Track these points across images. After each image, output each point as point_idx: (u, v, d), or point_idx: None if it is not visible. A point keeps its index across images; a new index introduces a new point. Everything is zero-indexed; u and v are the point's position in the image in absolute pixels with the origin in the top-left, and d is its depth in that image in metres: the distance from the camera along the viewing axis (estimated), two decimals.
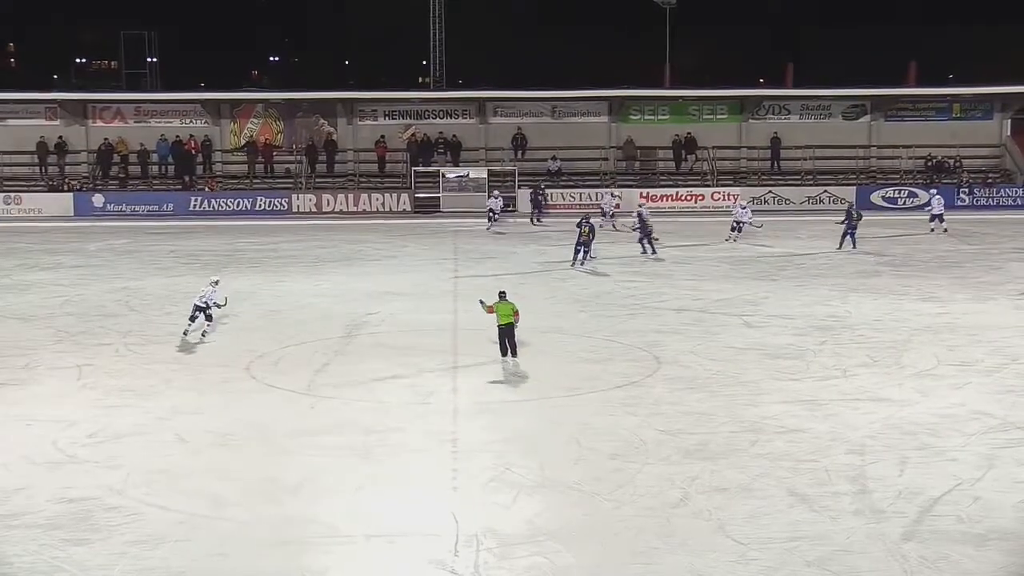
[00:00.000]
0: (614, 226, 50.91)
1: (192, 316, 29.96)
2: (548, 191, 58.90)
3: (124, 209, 59.29)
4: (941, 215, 50.79)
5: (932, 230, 50.48)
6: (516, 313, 27.22)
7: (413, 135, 63.28)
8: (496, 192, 53.79)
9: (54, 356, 28.73)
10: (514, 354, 27.19)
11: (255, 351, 28.90)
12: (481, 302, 28.09)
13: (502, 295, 27.61)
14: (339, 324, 32.16)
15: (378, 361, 27.93)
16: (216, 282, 31.28)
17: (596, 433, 22.10)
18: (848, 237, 46.12)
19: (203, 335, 30.01)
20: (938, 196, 52.99)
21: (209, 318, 30.30)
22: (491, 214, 52.49)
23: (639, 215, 45.82)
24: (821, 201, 60.02)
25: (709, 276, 39.98)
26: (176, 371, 26.42)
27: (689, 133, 63.35)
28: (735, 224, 49.54)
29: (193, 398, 24.90)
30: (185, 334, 30.00)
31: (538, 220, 46.56)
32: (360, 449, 21.29)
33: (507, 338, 27.23)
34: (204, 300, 30.13)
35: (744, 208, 50.38)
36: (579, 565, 16.13)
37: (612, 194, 55.36)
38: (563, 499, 18.81)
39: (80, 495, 18.93)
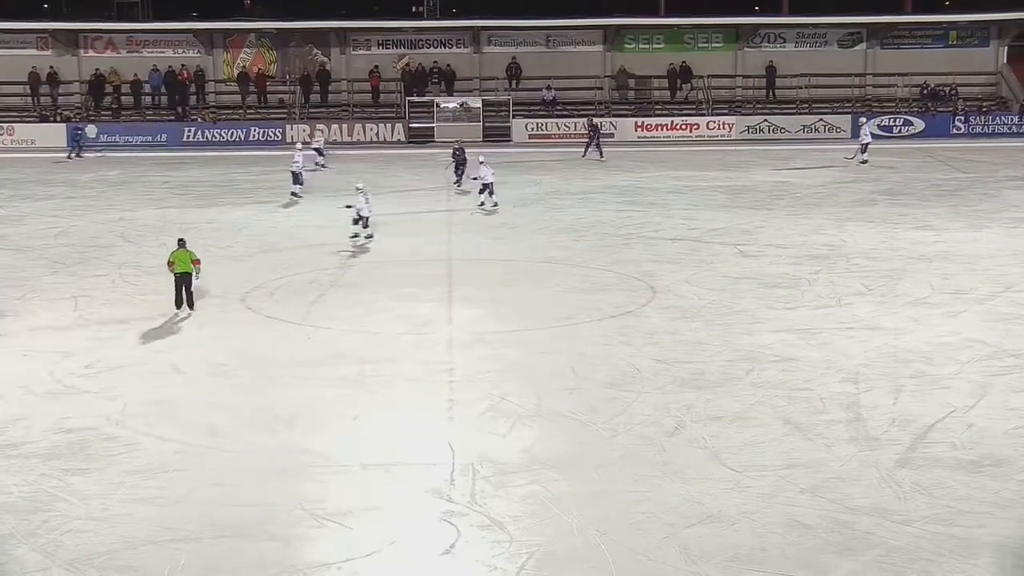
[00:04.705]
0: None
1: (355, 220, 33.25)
2: (542, 120, 58.89)
3: (117, 140, 58.98)
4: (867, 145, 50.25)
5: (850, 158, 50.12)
6: (196, 261, 25.81)
7: (407, 65, 62.93)
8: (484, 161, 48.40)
9: (50, 287, 28.74)
10: (191, 306, 25.80)
11: (251, 282, 28.91)
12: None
13: (181, 243, 26.36)
14: (334, 255, 32.14)
15: (373, 292, 27.95)
16: (359, 188, 34.02)
17: (591, 363, 22.18)
18: None
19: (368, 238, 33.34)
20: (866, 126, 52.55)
21: (366, 224, 33.46)
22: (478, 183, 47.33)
23: (461, 149, 44.70)
24: (816, 130, 59.79)
25: (704, 205, 39.92)
26: (172, 302, 26.39)
27: (684, 62, 62.95)
28: (863, 146, 49.60)
29: (189, 329, 24.95)
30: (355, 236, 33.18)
31: (458, 183, 43.34)
32: (356, 379, 21.37)
33: (184, 287, 25.76)
34: (358, 211, 33.26)
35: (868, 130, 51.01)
36: (575, 493, 16.23)
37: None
38: (559, 428, 18.91)
39: (78, 425, 19.03)
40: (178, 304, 25.60)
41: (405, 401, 20.27)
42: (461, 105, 60.41)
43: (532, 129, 59.78)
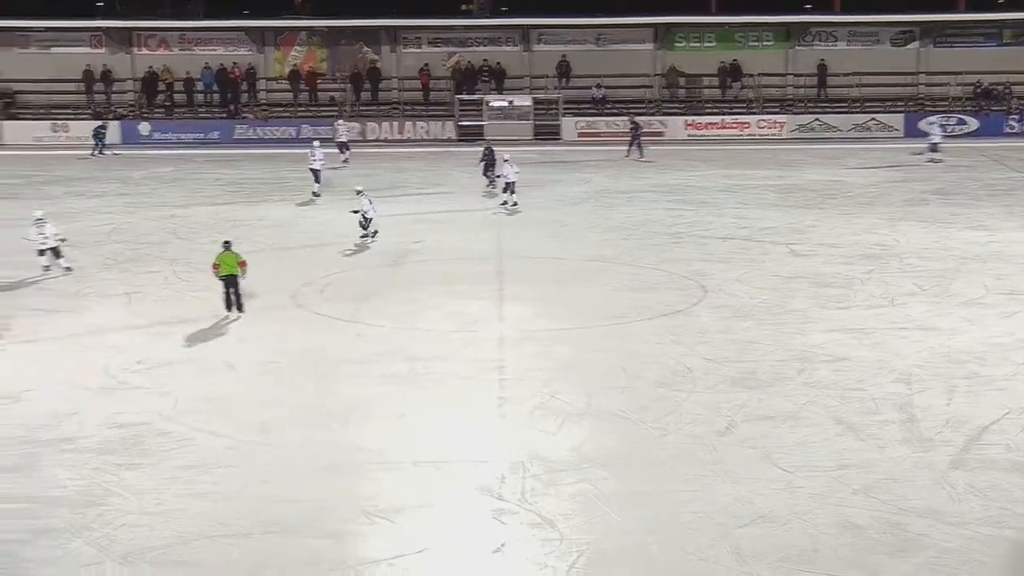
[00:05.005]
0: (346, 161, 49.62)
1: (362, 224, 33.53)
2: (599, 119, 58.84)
3: (170, 137, 59.39)
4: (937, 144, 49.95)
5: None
6: (241, 263, 25.54)
7: (457, 63, 62.99)
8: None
9: (103, 283, 28.97)
10: (239, 308, 25.56)
11: (301, 279, 29.01)
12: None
13: (227, 245, 25.97)
14: (385, 252, 32.20)
15: (424, 289, 28.00)
16: (359, 191, 34.34)
17: (642, 361, 22.14)
18: None
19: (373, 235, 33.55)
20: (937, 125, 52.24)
21: (367, 224, 33.63)
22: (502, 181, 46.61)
23: (490, 150, 44.06)
24: (868, 128, 59.42)
25: (755, 204, 39.74)
26: (224, 299, 26.51)
27: (735, 60, 62.70)
28: (932, 145, 49.51)
29: (240, 326, 25.06)
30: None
31: (492, 184, 43.01)
32: (407, 377, 21.42)
33: (231, 289, 25.54)
34: (363, 213, 33.38)
35: (938, 128, 51.02)
36: (625, 492, 16.21)
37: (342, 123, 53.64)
38: (609, 427, 18.88)
39: (131, 420, 19.17)
40: (227, 307, 25.52)
41: (456, 398, 20.29)
42: (510, 103, 60.38)
43: (582, 127, 59.67)
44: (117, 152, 54.41)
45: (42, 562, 14.34)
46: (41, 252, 29.23)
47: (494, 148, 43.87)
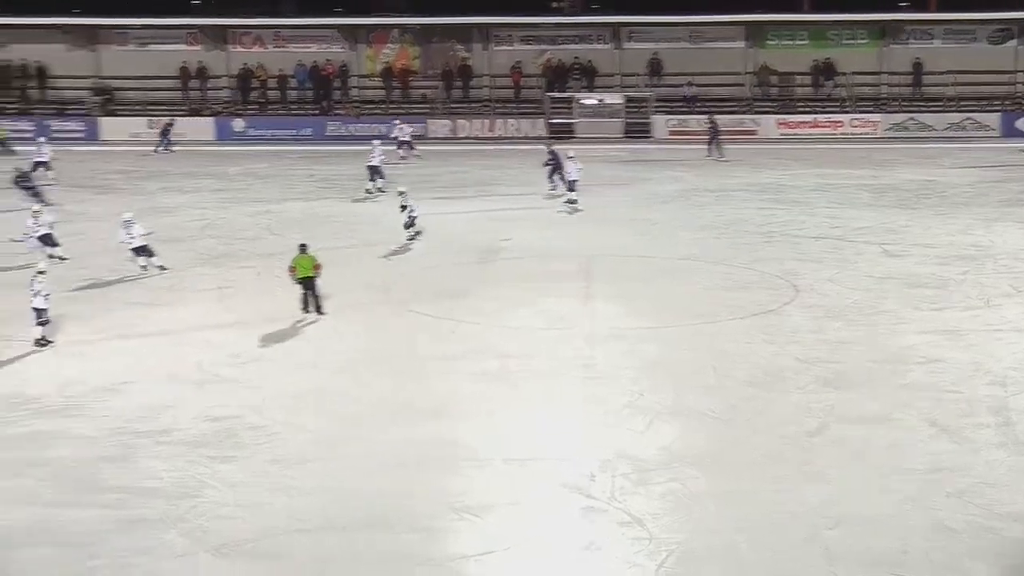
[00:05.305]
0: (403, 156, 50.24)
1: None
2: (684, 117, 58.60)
3: (264, 133, 60.03)
4: None
5: None
6: (317, 266, 25.37)
7: (548, 61, 63.03)
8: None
9: (197, 278, 29.32)
10: (318, 310, 25.41)
11: (393, 275, 29.19)
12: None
13: (303, 248, 25.72)
14: (475, 249, 32.30)
15: (514, 286, 28.04)
16: (402, 192, 33.94)
17: (732, 361, 22.03)
18: None
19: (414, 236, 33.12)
20: None
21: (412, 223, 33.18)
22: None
23: (554, 153, 42.25)
24: (964, 128, 58.66)
25: (848, 204, 39.35)
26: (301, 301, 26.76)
27: (828, 58, 62.17)
28: None
29: (332, 321, 25.22)
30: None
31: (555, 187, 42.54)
32: (497, 373, 21.46)
33: (309, 292, 25.42)
34: (408, 213, 32.97)
35: None
36: (714, 492, 16.14)
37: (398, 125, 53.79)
38: (698, 426, 18.81)
39: (224, 414, 19.40)
40: (304, 308, 25.32)
41: (545, 396, 20.31)
42: (601, 101, 60.31)
43: (673, 125, 59.47)
44: (174, 150, 54.69)
45: (137, 551, 14.56)
46: (136, 252, 29.49)
47: (556, 149, 42.82)
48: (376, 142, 43.70)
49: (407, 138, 51.31)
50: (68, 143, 56.75)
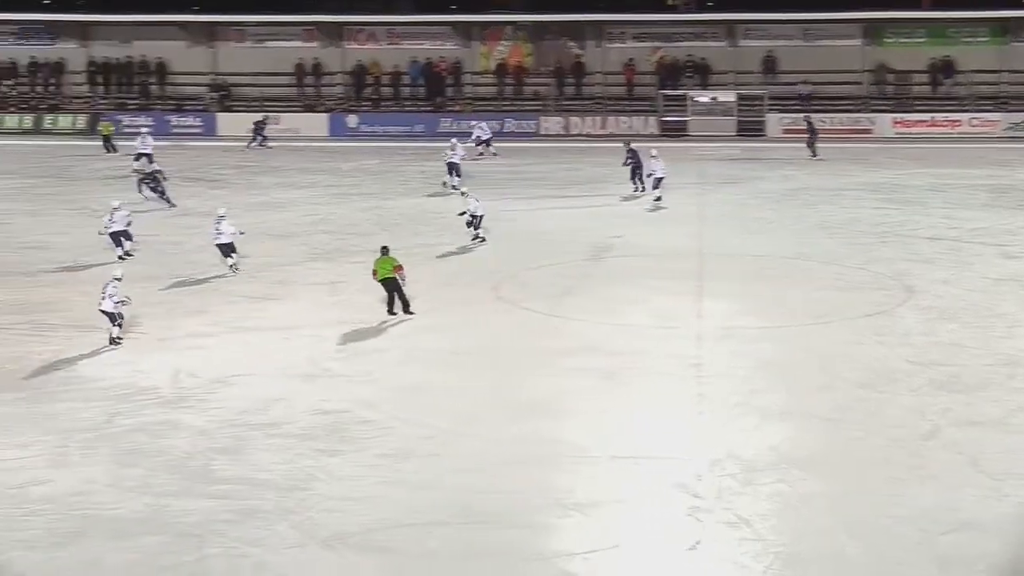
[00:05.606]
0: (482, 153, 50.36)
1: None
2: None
3: (377, 130, 60.46)
4: None
5: None
6: (398, 268, 25.31)
7: (662, 58, 62.78)
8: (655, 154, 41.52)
9: (308, 272, 29.63)
10: (405, 310, 25.30)
11: (501, 271, 29.27)
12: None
13: (384, 250, 25.69)
14: (585, 246, 32.27)
15: (624, 284, 27.99)
16: (464, 192, 33.76)
17: (844, 362, 21.81)
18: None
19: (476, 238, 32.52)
20: None
21: (478, 224, 32.52)
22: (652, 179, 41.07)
23: (633, 151, 41.75)
24: None
25: (964, 204, 38.69)
26: (426, 289, 26.95)
27: (947, 56, 61.17)
28: None
29: (441, 317, 25.39)
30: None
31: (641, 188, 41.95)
32: (605, 371, 21.45)
33: (394, 292, 25.30)
34: (471, 213, 32.12)
35: None
36: (823, 494, 16.01)
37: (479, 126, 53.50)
38: (808, 427, 18.66)
39: (333, 408, 19.62)
40: (390, 310, 25.28)
41: (653, 394, 20.27)
42: (714, 99, 59.95)
43: (787, 124, 58.82)
44: (271, 146, 54.92)
45: (249, 542, 14.77)
46: (220, 249, 29.49)
47: (636, 148, 42.02)
48: (454, 140, 44.24)
49: (487, 136, 51.62)
50: (186, 138, 57.75)
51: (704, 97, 60.08)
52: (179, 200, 38.54)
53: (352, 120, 60.84)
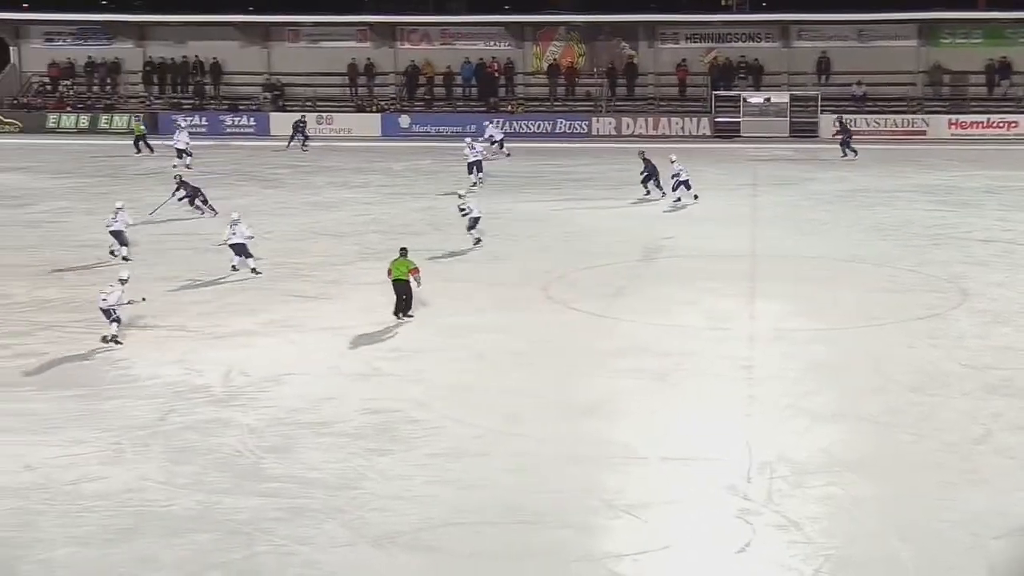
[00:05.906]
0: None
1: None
2: (850, 117, 57.56)
3: (429, 130, 60.61)
4: None
5: None
6: (413, 270, 25.15)
7: (715, 59, 62.61)
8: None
9: (360, 271, 29.74)
10: (405, 312, 25.17)
11: (553, 272, 29.28)
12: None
13: (403, 252, 25.50)
14: (636, 247, 32.25)
15: (675, 285, 27.96)
16: (461, 195, 33.62)
17: (896, 364, 21.69)
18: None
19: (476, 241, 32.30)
20: None
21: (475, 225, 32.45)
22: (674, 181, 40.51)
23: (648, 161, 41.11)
24: None
25: (1020, 207, 38.31)
26: (476, 289, 27.02)
27: (1004, 57, 60.65)
28: None
29: (492, 316, 25.43)
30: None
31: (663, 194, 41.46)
32: (656, 372, 21.42)
33: (403, 295, 25.22)
34: (467, 214, 32.40)
35: None
36: (874, 497, 15.92)
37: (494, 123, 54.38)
38: (860, 430, 18.57)
39: (384, 407, 19.68)
40: (396, 311, 25.24)
41: (704, 395, 20.23)
42: (767, 100, 59.72)
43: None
44: (308, 147, 54.91)
45: (299, 540, 14.84)
46: (233, 249, 29.34)
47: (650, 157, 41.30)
48: (469, 139, 45.07)
49: (500, 137, 52.15)
50: (240, 138, 58.15)
51: (757, 98, 59.92)
52: (233, 199, 38.75)
53: (404, 120, 61.07)
